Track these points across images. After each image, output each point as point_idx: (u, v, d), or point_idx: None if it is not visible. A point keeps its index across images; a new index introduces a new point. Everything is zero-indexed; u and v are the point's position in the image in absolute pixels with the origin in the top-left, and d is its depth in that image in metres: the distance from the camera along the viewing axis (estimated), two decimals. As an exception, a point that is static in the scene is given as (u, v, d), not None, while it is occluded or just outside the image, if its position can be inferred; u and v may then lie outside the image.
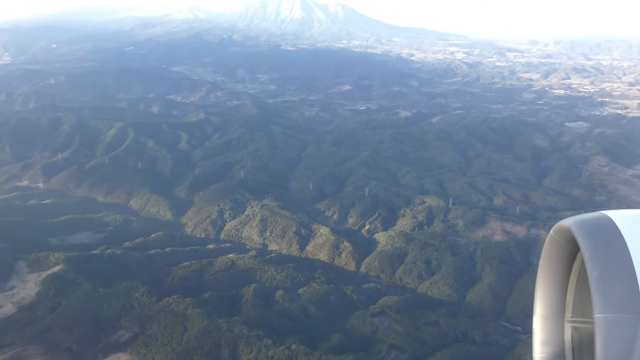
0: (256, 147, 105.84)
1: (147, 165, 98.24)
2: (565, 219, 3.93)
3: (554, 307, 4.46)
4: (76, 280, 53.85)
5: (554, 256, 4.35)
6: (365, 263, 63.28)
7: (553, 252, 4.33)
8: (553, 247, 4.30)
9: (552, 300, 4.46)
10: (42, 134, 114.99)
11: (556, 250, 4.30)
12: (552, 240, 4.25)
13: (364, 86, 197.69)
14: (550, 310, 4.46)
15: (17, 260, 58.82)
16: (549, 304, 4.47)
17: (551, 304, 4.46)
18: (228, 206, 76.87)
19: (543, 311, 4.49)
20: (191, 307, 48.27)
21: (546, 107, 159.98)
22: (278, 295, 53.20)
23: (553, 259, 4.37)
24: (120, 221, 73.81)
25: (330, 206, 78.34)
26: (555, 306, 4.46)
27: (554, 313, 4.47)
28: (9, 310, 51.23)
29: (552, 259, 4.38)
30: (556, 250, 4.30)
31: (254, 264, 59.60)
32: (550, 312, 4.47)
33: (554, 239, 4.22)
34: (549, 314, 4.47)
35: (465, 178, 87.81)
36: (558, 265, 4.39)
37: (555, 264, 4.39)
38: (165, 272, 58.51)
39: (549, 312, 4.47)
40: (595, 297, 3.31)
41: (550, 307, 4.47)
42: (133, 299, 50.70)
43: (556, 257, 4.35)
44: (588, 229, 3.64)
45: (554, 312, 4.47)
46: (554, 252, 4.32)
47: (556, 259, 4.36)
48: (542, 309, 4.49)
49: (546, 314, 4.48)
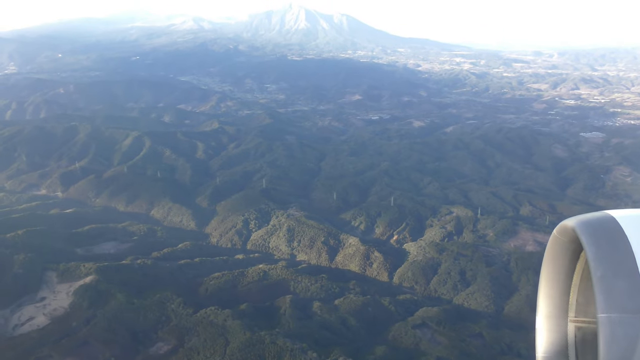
0: (274, 156, 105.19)
1: (165, 174, 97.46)
2: (569, 219, 3.90)
3: (557, 306, 4.43)
4: (109, 291, 52.86)
5: (557, 256, 4.32)
6: (397, 274, 62.31)
7: (556, 252, 4.30)
8: (556, 247, 4.27)
9: (555, 299, 4.43)
10: (57, 142, 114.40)
11: (560, 249, 4.26)
12: (556, 240, 4.22)
13: (374, 96, 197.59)
14: (554, 310, 4.44)
15: (46, 271, 57.88)
16: (552, 304, 4.44)
17: (554, 304, 4.44)
18: (253, 216, 76.01)
19: (546, 310, 4.45)
20: (230, 318, 47.29)
21: (558, 118, 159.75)
22: (315, 307, 52.19)
23: (556, 258, 4.34)
24: (144, 231, 72.88)
25: (356, 216, 77.49)
26: (558, 305, 4.43)
27: (557, 312, 4.43)
28: (41, 321, 50.19)
29: (556, 259, 4.34)
30: (560, 250, 4.27)
31: (286, 275, 58.63)
32: (553, 312, 4.44)
33: (558, 238, 4.19)
34: (552, 313, 4.44)
35: (489, 188, 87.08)
36: (561, 265, 4.36)
37: (559, 263, 4.36)
38: (197, 283, 57.58)
39: (553, 312, 4.44)
40: (599, 296, 3.29)
41: (553, 307, 4.44)
42: (169, 311, 49.66)
43: (560, 256, 4.32)
44: (591, 229, 3.63)
45: (558, 311, 4.43)
46: (558, 251, 4.29)
47: (560, 258, 4.33)
48: (545, 308, 4.46)
49: (549, 314, 4.45)
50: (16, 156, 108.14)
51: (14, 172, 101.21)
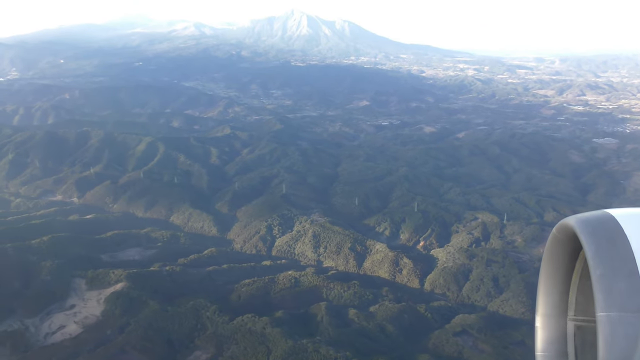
0: (290, 162, 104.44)
1: (182, 180, 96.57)
2: (568, 217, 3.87)
3: (556, 305, 4.40)
4: (140, 299, 51.90)
5: (556, 254, 4.29)
6: (428, 280, 61.49)
7: (556, 251, 4.26)
8: (556, 246, 4.23)
9: (554, 298, 4.40)
10: (70, 148, 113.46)
11: (559, 248, 4.23)
12: (555, 238, 4.18)
13: (382, 102, 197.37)
14: (553, 309, 4.39)
15: (74, 278, 56.88)
16: (551, 303, 4.40)
17: (554, 303, 4.40)
18: (276, 222, 75.15)
19: (546, 309, 4.42)
20: (269, 326, 46.37)
21: (568, 124, 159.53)
22: (352, 314, 51.31)
23: (556, 257, 4.31)
24: (167, 237, 71.94)
25: (380, 222, 76.71)
26: (558, 304, 4.40)
27: (556, 311, 4.39)
28: (74, 330, 49.18)
29: (555, 258, 4.31)
30: (559, 249, 4.23)
31: (318, 282, 57.75)
32: (553, 311, 4.40)
33: (557, 237, 4.15)
34: (551, 312, 4.40)
35: (511, 194, 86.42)
36: (561, 264, 4.34)
37: (558, 262, 4.33)
38: (228, 290, 56.64)
39: (552, 311, 4.40)
40: (598, 295, 3.27)
41: (553, 306, 4.40)
42: (204, 318, 48.70)
43: (559, 255, 4.29)
44: (591, 228, 3.60)
45: (557, 310, 4.39)
46: (557, 250, 4.25)
47: (559, 257, 4.30)
48: (544, 307, 4.43)
49: (549, 313, 4.40)
50: (29, 162, 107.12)
51: (28, 178, 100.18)
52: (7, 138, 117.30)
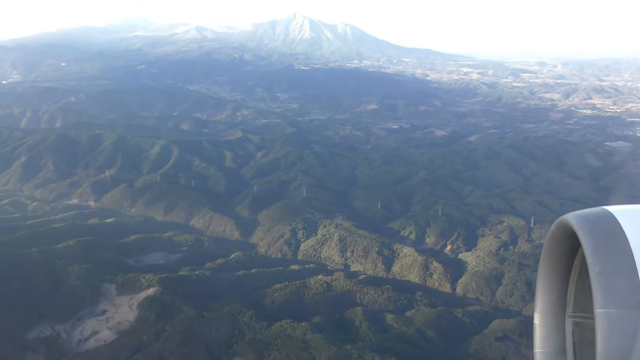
0: (306, 165, 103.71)
1: (198, 183, 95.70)
2: (567, 214, 3.83)
3: (555, 302, 4.36)
4: (174, 304, 51.00)
5: (555, 251, 4.24)
6: (460, 284, 60.78)
7: (554, 248, 4.22)
8: (554, 243, 4.19)
9: (553, 295, 4.36)
10: (82, 151, 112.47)
11: (558, 245, 4.19)
12: (554, 235, 4.14)
13: (390, 105, 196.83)
14: (552, 306, 4.36)
15: (103, 283, 55.92)
16: (550, 299, 4.37)
17: (552, 299, 4.37)
18: (300, 225, 74.34)
19: (544, 306, 4.38)
20: (310, 332, 45.51)
21: (578, 127, 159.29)
22: (389, 319, 50.49)
23: (554, 254, 4.26)
24: (191, 241, 71.03)
25: (404, 225, 75.99)
26: (556, 301, 4.37)
27: (555, 308, 4.36)
28: (107, 336, 48.24)
29: (554, 254, 4.27)
30: (558, 246, 4.19)
31: (351, 286, 56.94)
32: (551, 308, 4.37)
33: (556, 234, 4.11)
34: (550, 309, 4.36)
35: (533, 197, 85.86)
36: (559, 261, 4.30)
37: (557, 259, 4.29)
38: (260, 295, 55.80)
39: (550, 308, 4.36)
40: (597, 292, 3.29)
41: (551, 303, 4.37)
42: (241, 324, 47.80)
43: (557, 252, 4.24)
44: (589, 224, 3.58)
45: (555, 307, 4.36)
46: (556, 247, 4.21)
47: (557, 254, 4.26)
48: (543, 304, 4.40)
49: (547, 309, 4.37)
50: (42, 165, 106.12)
51: (42, 181, 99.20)
52: (18, 141, 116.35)
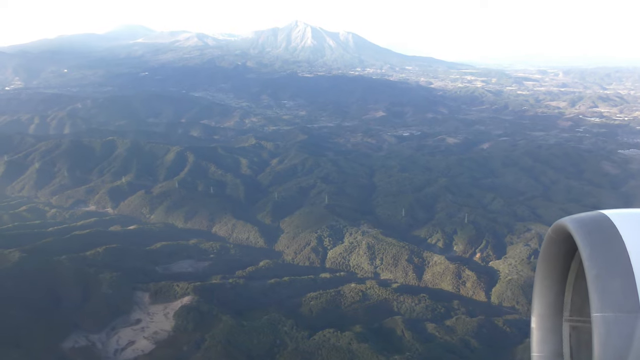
0: (324, 172, 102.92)
1: (217, 190, 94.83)
2: (564, 218, 3.86)
3: (552, 306, 4.36)
4: (211, 313, 50.00)
5: (552, 255, 4.25)
6: (495, 293, 59.99)
7: (551, 251, 4.22)
8: (551, 246, 4.19)
9: (550, 299, 4.36)
10: (96, 157, 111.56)
11: (555, 249, 4.19)
12: (551, 239, 4.14)
13: (397, 113, 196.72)
14: (549, 309, 4.36)
15: (135, 291, 54.90)
16: (547, 303, 4.37)
17: (549, 303, 4.36)
18: (326, 233, 73.49)
19: (541, 310, 4.38)
20: (355, 341, 44.59)
21: (588, 135, 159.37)
22: (431, 328, 49.64)
23: (551, 258, 4.27)
24: (217, 248, 70.04)
25: (431, 233, 75.27)
26: (553, 305, 4.36)
27: (552, 312, 4.36)
28: (145, 346, 47.18)
29: (551, 258, 4.27)
30: (555, 249, 4.19)
31: (387, 295, 56.08)
32: (548, 311, 4.37)
33: (553, 238, 4.11)
34: (547, 312, 4.37)
35: (557, 205, 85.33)
36: (556, 264, 4.30)
37: (554, 262, 4.29)
38: (295, 303, 54.86)
39: (547, 311, 4.37)
40: (593, 296, 3.29)
41: (548, 306, 4.37)
42: (282, 333, 46.87)
43: (554, 256, 4.25)
44: (586, 228, 3.59)
45: (552, 311, 4.36)
46: (553, 251, 4.21)
47: (554, 258, 4.26)
48: (540, 307, 4.39)
49: (544, 313, 4.37)
50: (56, 171, 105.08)
51: (57, 188, 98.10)
52: (30, 147, 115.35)
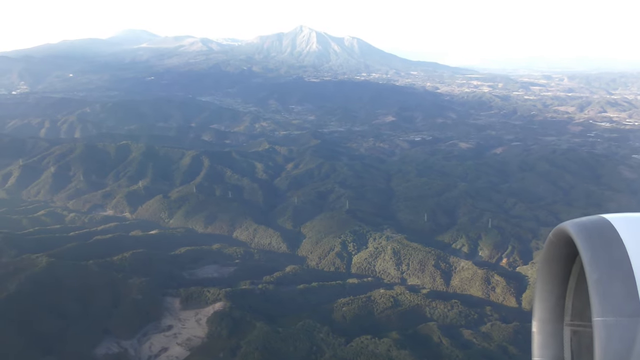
0: (342, 177, 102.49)
1: (234, 194, 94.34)
2: (565, 222, 3.83)
3: (553, 310, 4.35)
4: (244, 319, 49.40)
5: (553, 259, 4.23)
6: (525, 298, 59.31)
7: (552, 256, 4.20)
8: (552, 250, 4.15)
9: (551, 303, 4.35)
10: (111, 161, 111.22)
11: (555, 253, 4.16)
12: (552, 243, 4.10)
13: (407, 117, 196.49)
14: (549, 314, 4.35)
15: (165, 296, 54.35)
16: (548, 308, 4.35)
17: (550, 308, 4.35)
18: (350, 238, 72.90)
19: (542, 314, 4.37)
20: (394, 348, 43.95)
21: (600, 140, 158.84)
22: (467, 335, 48.99)
23: (552, 262, 4.25)
24: (241, 253, 69.47)
25: (455, 238, 74.67)
26: (554, 309, 4.35)
27: (553, 316, 4.35)
28: (179, 352, 46.56)
29: (552, 262, 4.25)
30: (555, 254, 4.16)
31: (419, 301, 55.44)
32: (549, 316, 4.35)
33: (553, 242, 4.07)
34: (548, 317, 4.35)
35: (579, 209, 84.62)
36: (557, 269, 4.27)
37: (555, 267, 4.26)
38: (326, 309, 54.19)
39: (548, 316, 4.35)
40: (594, 300, 3.29)
41: (549, 311, 4.35)
42: (318, 340, 46.24)
43: (555, 260, 4.22)
44: (587, 232, 3.58)
45: (553, 315, 4.34)
46: (553, 255, 4.19)
47: (555, 262, 4.23)
48: (541, 312, 4.38)
49: (545, 318, 4.35)
50: (72, 175, 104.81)
51: (74, 192, 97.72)
52: (44, 151, 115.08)
